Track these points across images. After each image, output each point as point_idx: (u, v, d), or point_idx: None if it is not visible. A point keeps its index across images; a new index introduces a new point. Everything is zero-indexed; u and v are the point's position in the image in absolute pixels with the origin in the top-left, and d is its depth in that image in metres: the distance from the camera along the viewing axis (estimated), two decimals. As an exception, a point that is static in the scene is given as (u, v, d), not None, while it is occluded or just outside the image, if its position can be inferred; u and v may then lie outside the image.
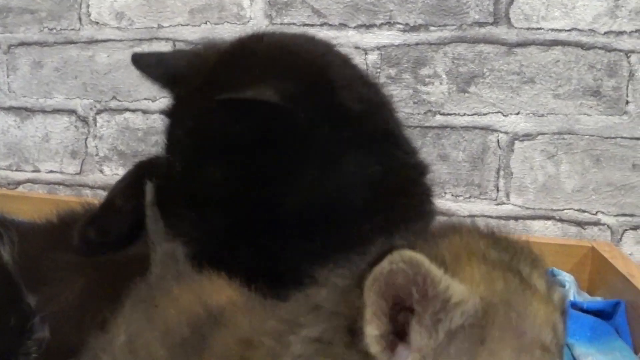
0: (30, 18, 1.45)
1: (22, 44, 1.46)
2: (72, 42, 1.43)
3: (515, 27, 1.22)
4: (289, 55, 0.69)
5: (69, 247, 0.80)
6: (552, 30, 1.20)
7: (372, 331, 0.35)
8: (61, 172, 1.46)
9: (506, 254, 0.38)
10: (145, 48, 1.39)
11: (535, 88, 1.22)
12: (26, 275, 0.80)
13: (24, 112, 1.48)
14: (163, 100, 1.38)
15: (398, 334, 0.36)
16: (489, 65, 1.23)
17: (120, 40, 1.40)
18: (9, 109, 1.49)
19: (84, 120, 1.44)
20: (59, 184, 1.46)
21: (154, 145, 1.39)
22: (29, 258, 0.83)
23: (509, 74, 1.23)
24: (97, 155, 1.44)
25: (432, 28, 1.25)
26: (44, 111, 1.47)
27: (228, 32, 1.34)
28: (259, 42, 0.72)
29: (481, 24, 1.23)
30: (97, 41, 1.41)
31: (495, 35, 1.23)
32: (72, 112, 1.45)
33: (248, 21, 1.33)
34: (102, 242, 0.76)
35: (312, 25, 1.29)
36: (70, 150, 1.45)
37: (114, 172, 1.43)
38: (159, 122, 1.39)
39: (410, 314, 0.35)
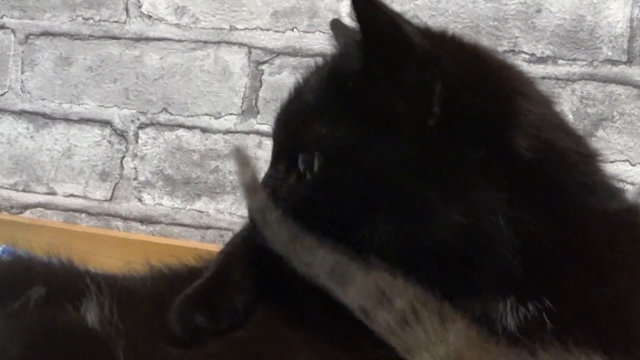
0: (60, 2, 1.16)
1: (46, 33, 1.16)
2: (114, 37, 1.15)
3: (650, 69, 1.11)
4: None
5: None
6: (688, 75, 1.10)
7: None
8: (85, 197, 1.17)
9: None
10: (210, 53, 1.14)
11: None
12: (123, 349, 0.58)
13: (41, 118, 1.17)
14: (229, 117, 1.15)
15: None
16: (620, 109, 1.11)
17: (179, 41, 1.14)
18: (20, 113, 1.18)
19: (121, 134, 1.16)
20: (80, 211, 1.17)
21: (213, 171, 1.14)
22: (127, 327, 0.60)
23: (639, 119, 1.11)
24: (135, 179, 1.16)
25: (560, 61, 1.11)
26: (67, 119, 1.17)
27: (320, 43, 1.12)
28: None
29: (614, 62, 1.11)
30: (147, 39, 1.15)
31: (628, 76, 1.11)
32: (106, 123, 1.17)
33: (345, 33, 1.12)
34: (213, 330, 0.56)
35: (422, 45, 1.11)
36: (100, 171, 1.17)
37: (157, 202, 1.16)
38: (222, 144, 1.15)
39: None
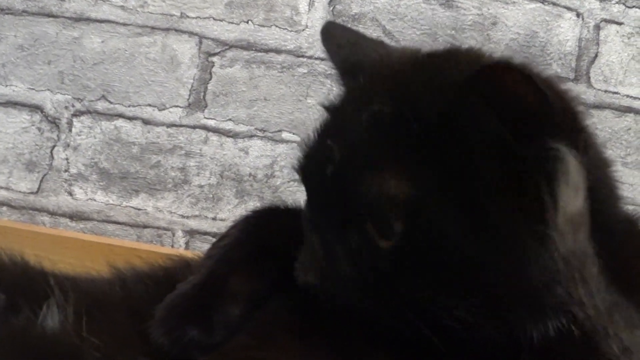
0: (-10, -29, 1.05)
1: (-28, 4, 1.05)
2: (50, 15, 1.05)
3: (594, 88, 1.14)
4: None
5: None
6: (628, 96, 1.15)
7: None
8: (7, 189, 1.06)
9: None
10: (157, 40, 1.06)
11: (606, 154, 1.15)
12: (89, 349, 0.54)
13: (-40, 98, 1.05)
14: (174, 110, 1.07)
15: None
16: (566, 124, 1.14)
17: (124, 24, 1.06)
18: (-64, 91, 1.05)
19: (53, 122, 1.06)
20: (1, 204, 1.05)
21: (154, 166, 1.07)
22: (101, 339, 0.54)
23: (583, 135, 1.14)
24: (66, 171, 1.06)
25: (513, 74, 1.12)
26: (-9, 102, 1.06)
27: (275, 38, 1.08)
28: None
29: (562, 79, 1.13)
30: (88, 19, 1.06)
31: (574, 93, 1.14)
32: (36, 108, 1.06)
33: (303, 30, 1.08)
34: (206, 344, 0.52)
35: (379, 48, 1.09)
36: (27, 160, 1.06)
37: (90, 197, 1.06)
38: (165, 138, 1.08)
39: None
